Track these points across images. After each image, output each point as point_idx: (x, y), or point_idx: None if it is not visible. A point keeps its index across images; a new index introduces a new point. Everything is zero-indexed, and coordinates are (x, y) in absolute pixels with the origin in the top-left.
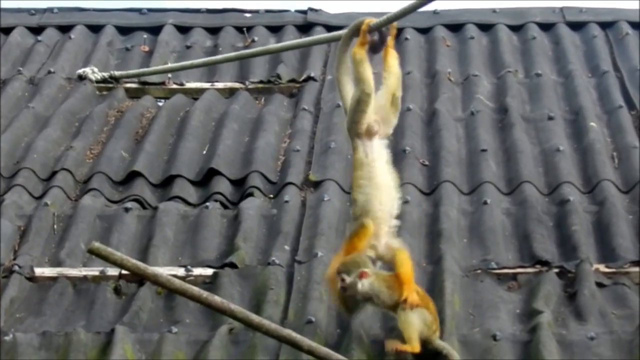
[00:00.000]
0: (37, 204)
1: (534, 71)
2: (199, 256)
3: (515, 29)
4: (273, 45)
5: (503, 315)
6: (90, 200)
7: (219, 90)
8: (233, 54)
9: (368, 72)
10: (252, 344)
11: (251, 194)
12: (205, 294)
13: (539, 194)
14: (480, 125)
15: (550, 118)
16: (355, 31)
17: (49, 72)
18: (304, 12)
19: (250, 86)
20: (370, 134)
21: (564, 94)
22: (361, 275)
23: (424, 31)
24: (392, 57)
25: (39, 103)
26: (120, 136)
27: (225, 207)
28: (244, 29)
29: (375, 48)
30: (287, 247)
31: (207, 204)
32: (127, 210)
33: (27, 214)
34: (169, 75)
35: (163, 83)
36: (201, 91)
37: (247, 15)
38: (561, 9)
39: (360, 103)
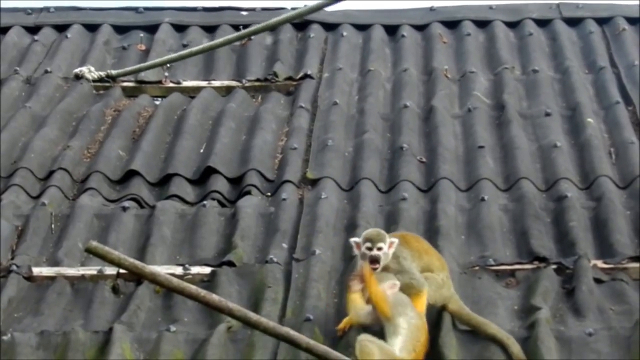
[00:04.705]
0: (35, 204)
1: (531, 67)
2: (197, 255)
3: (512, 25)
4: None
5: (501, 312)
6: (87, 199)
7: (215, 88)
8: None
9: None
10: (250, 342)
11: (248, 192)
12: (203, 292)
13: (536, 190)
14: (477, 122)
15: (548, 114)
16: None
17: (46, 72)
18: None
19: (247, 84)
20: None
21: (561, 90)
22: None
23: (421, 28)
24: None
25: (35, 103)
26: (117, 135)
27: (222, 205)
28: (241, 27)
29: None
30: (284, 245)
31: (205, 202)
32: (124, 209)
33: (24, 213)
34: (166, 73)
35: (160, 82)
36: (198, 89)
37: (244, 13)
38: (558, 5)
39: None
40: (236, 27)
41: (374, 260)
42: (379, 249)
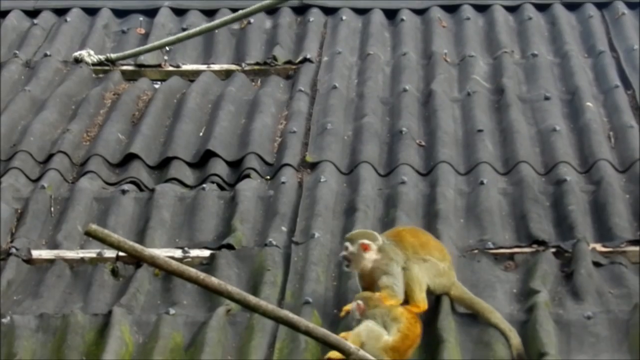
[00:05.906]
0: (34, 187)
1: (530, 52)
2: (196, 238)
3: (512, 9)
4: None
5: (500, 295)
6: (87, 182)
7: (215, 72)
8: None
9: None
10: (249, 325)
11: (248, 176)
12: (202, 275)
13: (535, 173)
14: (476, 105)
15: (547, 98)
16: None
17: (45, 55)
18: None
19: (246, 68)
20: None
21: (560, 74)
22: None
23: (420, 12)
24: None
25: (35, 86)
26: (116, 119)
27: (222, 188)
28: (240, 11)
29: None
30: (284, 229)
31: (204, 185)
32: (124, 192)
33: (24, 196)
34: (165, 57)
35: (159, 65)
36: (197, 73)
37: None
38: None
39: None
40: (235, 11)
41: (344, 259)
42: (345, 248)
